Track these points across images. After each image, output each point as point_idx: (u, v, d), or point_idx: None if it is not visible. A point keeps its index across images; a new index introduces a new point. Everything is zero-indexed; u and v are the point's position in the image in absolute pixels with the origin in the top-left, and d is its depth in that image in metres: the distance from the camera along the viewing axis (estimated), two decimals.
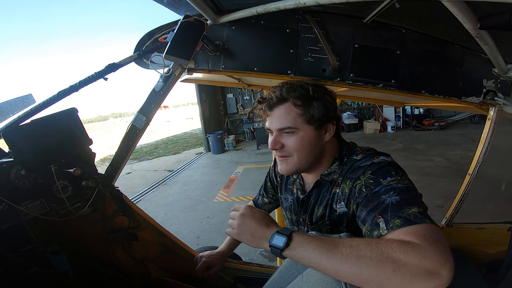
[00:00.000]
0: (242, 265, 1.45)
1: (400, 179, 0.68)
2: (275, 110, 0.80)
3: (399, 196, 0.62)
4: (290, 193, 1.00)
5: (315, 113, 0.78)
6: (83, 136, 1.07)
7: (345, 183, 0.78)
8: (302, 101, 0.78)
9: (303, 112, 0.78)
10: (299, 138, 0.79)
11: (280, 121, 0.79)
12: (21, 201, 0.94)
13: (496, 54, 0.93)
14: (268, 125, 0.82)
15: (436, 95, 1.08)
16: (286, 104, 0.78)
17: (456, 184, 1.25)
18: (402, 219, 0.58)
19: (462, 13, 0.69)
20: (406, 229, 0.56)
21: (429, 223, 0.57)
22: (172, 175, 6.57)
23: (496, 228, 1.26)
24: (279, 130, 0.80)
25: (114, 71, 1.08)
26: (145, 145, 12.21)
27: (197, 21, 0.97)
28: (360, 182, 0.71)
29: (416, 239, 0.53)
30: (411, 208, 0.59)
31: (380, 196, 0.64)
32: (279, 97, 0.78)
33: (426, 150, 6.15)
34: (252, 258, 2.60)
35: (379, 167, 0.71)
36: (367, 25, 1.02)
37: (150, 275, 1.31)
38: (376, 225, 0.61)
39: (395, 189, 0.64)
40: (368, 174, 0.71)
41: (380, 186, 0.66)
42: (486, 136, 1.11)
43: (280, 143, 0.80)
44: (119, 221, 1.23)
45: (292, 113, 0.78)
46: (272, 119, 0.81)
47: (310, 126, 0.79)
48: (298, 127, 0.78)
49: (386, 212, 0.60)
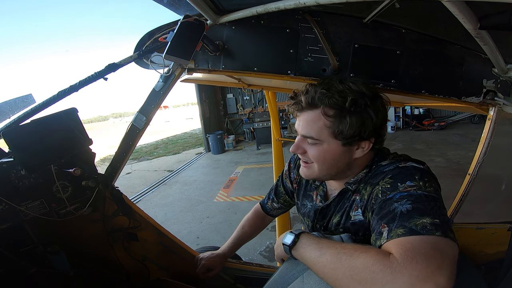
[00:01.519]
0: (242, 265, 1.45)
1: (423, 185, 0.60)
2: (303, 113, 0.72)
3: (412, 205, 0.55)
4: (309, 200, 0.95)
5: (344, 129, 0.68)
6: (83, 136, 1.07)
7: (366, 189, 0.72)
8: (334, 111, 0.68)
9: (332, 124, 0.68)
10: (322, 150, 0.72)
11: (305, 128, 0.72)
12: (21, 201, 0.94)
13: (496, 54, 0.93)
14: (296, 125, 0.76)
15: (436, 95, 1.08)
16: (316, 110, 0.70)
17: (456, 184, 1.25)
18: (406, 229, 0.52)
19: (462, 13, 0.69)
20: (401, 240, 0.51)
21: (439, 236, 0.50)
22: (172, 175, 6.57)
23: (496, 228, 1.26)
24: (303, 136, 0.74)
25: (114, 71, 1.08)
26: (145, 145, 12.21)
27: (197, 21, 0.97)
28: (378, 188, 0.65)
29: (399, 253, 0.48)
30: (422, 218, 0.52)
31: (392, 203, 0.58)
32: (309, 102, 0.70)
33: (426, 150, 6.16)
34: (252, 258, 2.60)
35: (401, 170, 0.64)
36: (367, 25, 1.02)
37: (150, 275, 1.31)
38: (379, 234, 0.56)
39: (410, 196, 0.57)
40: (387, 179, 0.64)
41: (395, 191, 0.60)
42: (486, 136, 1.11)
43: (302, 148, 0.75)
44: (119, 221, 1.23)
45: (319, 123, 0.69)
46: (299, 121, 0.74)
47: (337, 141, 0.70)
48: (323, 140, 0.70)
49: (393, 221, 0.55)
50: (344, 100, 0.67)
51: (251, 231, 1.23)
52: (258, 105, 10.24)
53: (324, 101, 0.68)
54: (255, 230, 1.24)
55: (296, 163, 1.05)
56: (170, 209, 4.38)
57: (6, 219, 0.91)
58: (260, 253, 2.69)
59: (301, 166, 0.81)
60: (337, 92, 0.68)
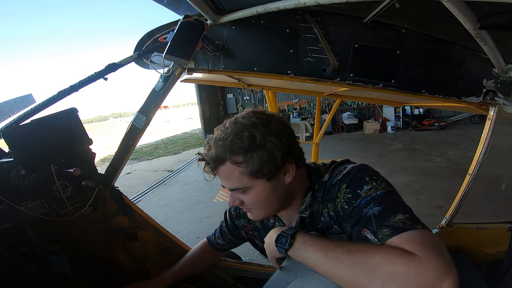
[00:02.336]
0: (242, 265, 1.45)
1: (377, 184, 0.64)
2: (219, 171, 0.71)
3: (380, 206, 0.59)
4: None
5: (258, 167, 0.67)
6: (83, 136, 1.07)
7: (327, 207, 0.72)
8: (241, 156, 0.67)
9: (246, 169, 0.67)
10: (253, 194, 0.71)
11: (227, 182, 0.71)
12: (21, 201, 0.94)
13: (496, 54, 0.93)
14: (221, 182, 0.74)
15: (436, 95, 1.08)
16: (226, 164, 0.68)
17: (456, 184, 1.25)
18: (390, 227, 0.55)
19: (462, 13, 0.69)
20: (400, 238, 0.53)
21: (421, 228, 0.54)
22: (172, 175, 6.56)
23: (496, 228, 1.26)
24: (230, 190, 0.73)
25: (114, 71, 1.08)
26: (145, 145, 12.20)
27: (197, 21, 0.97)
28: (339, 200, 0.67)
29: (413, 248, 0.49)
30: (396, 216, 0.56)
31: (362, 210, 0.61)
32: (215, 159, 0.68)
33: (426, 150, 6.15)
34: (252, 258, 2.60)
35: (351, 177, 0.67)
36: (367, 25, 1.02)
37: (150, 275, 1.31)
38: (364, 238, 0.58)
39: (374, 198, 0.61)
40: (343, 189, 0.66)
41: (359, 199, 0.63)
42: (486, 136, 1.11)
43: (238, 199, 0.74)
44: (119, 221, 1.23)
45: (235, 173, 0.68)
46: (220, 178, 0.72)
47: (260, 180, 0.69)
48: (248, 185, 0.70)
49: (370, 224, 0.57)
50: (242, 141, 0.66)
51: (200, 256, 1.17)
52: (258, 105, 10.24)
53: (227, 153, 0.67)
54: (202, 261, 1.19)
55: (237, 210, 1.03)
56: (170, 209, 4.38)
57: (6, 219, 0.91)
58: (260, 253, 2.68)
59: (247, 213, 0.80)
60: (234, 136, 0.67)
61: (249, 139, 0.66)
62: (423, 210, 3.20)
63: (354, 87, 1.10)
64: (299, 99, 9.98)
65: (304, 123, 9.24)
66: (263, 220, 0.92)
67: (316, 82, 1.11)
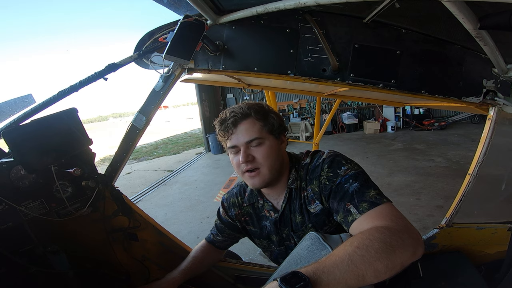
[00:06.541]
0: (242, 265, 1.45)
1: (351, 166, 0.81)
2: (239, 126, 0.85)
3: (358, 183, 0.75)
4: (265, 219, 1.01)
5: (274, 124, 0.88)
6: (83, 136, 1.07)
7: (312, 183, 0.87)
8: (261, 115, 0.87)
9: (265, 123, 0.87)
10: (267, 147, 0.86)
11: (247, 134, 0.85)
12: (21, 201, 0.94)
13: (496, 54, 0.93)
14: (234, 141, 0.86)
15: (436, 95, 1.08)
16: (249, 119, 0.86)
17: (456, 184, 1.25)
18: (368, 202, 0.70)
19: (462, 13, 0.69)
20: (374, 212, 0.68)
21: (386, 202, 0.71)
22: (172, 175, 6.56)
23: (496, 228, 1.26)
24: (247, 143, 0.85)
25: (114, 71, 1.08)
26: (145, 145, 12.21)
27: (197, 21, 0.97)
28: (323, 177, 0.83)
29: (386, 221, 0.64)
30: (370, 191, 0.73)
31: (343, 186, 0.77)
32: (243, 113, 0.85)
33: (426, 150, 6.15)
34: (252, 258, 2.60)
35: (331, 160, 0.84)
36: (367, 25, 1.02)
37: (150, 275, 1.31)
38: (348, 211, 0.72)
39: (351, 176, 0.77)
40: (326, 169, 0.83)
41: (339, 177, 0.79)
42: (486, 136, 1.11)
43: (250, 155, 0.85)
44: (119, 221, 1.23)
45: (256, 126, 0.86)
46: (238, 134, 0.85)
47: (272, 136, 0.88)
48: (264, 137, 0.86)
49: (353, 199, 0.73)
50: (261, 106, 0.89)
51: (202, 256, 1.17)
52: None
53: (252, 109, 0.86)
54: (206, 260, 1.19)
55: (230, 201, 1.09)
56: (170, 209, 4.38)
57: (6, 219, 0.91)
58: (260, 253, 2.69)
59: (250, 180, 0.88)
60: (254, 104, 0.89)
61: (265, 105, 0.91)
62: (424, 210, 3.20)
63: (354, 87, 1.10)
64: (299, 99, 9.97)
65: (304, 123, 9.24)
66: (253, 204, 1.03)
67: (316, 82, 1.11)
